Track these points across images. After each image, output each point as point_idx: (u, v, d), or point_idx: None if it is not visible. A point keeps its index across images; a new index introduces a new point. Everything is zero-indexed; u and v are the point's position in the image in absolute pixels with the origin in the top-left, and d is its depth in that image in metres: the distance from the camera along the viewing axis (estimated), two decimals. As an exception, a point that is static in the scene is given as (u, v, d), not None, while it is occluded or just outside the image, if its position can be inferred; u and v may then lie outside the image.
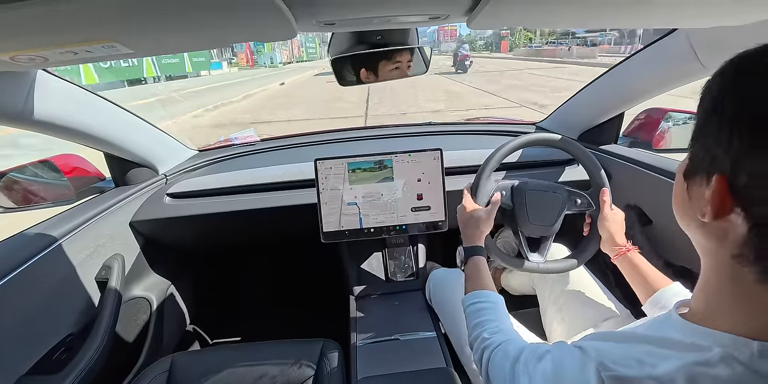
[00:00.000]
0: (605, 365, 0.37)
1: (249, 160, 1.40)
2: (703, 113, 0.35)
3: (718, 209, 0.33)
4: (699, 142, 0.36)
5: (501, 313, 0.69)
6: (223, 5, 0.40)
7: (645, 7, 0.51)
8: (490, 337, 0.61)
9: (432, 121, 1.66)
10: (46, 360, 0.80)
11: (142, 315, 1.18)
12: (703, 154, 0.35)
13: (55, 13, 0.37)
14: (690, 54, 0.81)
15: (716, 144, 0.33)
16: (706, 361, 0.32)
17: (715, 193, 0.32)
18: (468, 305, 0.72)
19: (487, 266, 0.79)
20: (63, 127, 0.85)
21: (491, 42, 53.52)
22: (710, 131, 0.34)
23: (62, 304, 0.87)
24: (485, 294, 0.72)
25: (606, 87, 1.17)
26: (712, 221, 0.33)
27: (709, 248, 0.36)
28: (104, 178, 1.17)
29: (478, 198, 0.90)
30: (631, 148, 1.21)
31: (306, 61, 41.33)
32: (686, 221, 0.40)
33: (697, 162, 0.36)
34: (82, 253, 0.93)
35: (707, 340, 0.34)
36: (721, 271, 0.35)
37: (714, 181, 0.32)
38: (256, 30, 0.52)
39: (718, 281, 0.36)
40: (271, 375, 0.88)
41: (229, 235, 1.36)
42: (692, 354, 0.34)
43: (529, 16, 0.54)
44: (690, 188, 0.38)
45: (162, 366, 0.89)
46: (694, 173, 0.37)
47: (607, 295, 0.94)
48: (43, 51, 0.48)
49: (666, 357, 0.35)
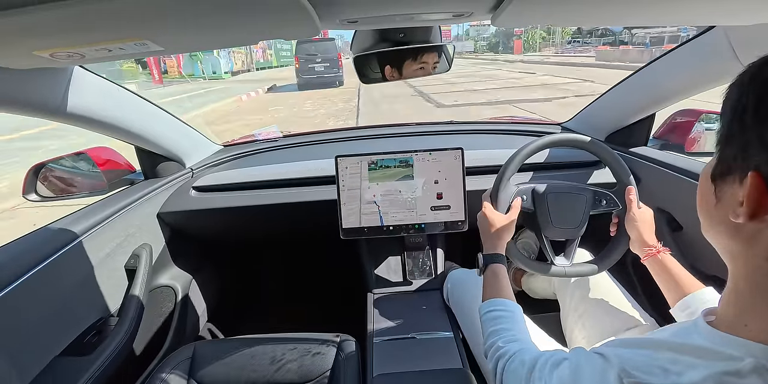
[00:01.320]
0: (627, 372, 0.37)
1: (271, 156, 1.43)
2: (734, 116, 0.34)
3: (755, 208, 0.31)
4: (729, 143, 0.35)
5: (518, 322, 0.67)
6: (249, 4, 0.41)
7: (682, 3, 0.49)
8: (505, 345, 0.60)
9: (453, 120, 1.65)
10: (78, 342, 0.84)
11: (168, 303, 1.23)
12: (734, 153, 0.34)
13: (92, 13, 0.39)
14: (728, 52, 0.77)
15: (751, 143, 0.32)
16: (737, 372, 0.31)
17: (751, 191, 0.31)
18: (484, 313, 0.71)
19: (506, 274, 0.77)
20: (98, 121, 0.89)
21: (497, 42, 42.53)
22: (744, 132, 0.33)
23: (94, 289, 0.92)
24: (502, 302, 0.70)
25: (636, 87, 1.12)
26: (747, 222, 0.32)
27: (738, 252, 0.35)
28: (134, 171, 1.22)
29: (499, 205, 0.88)
30: (662, 150, 1.16)
31: (277, 67, 28.86)
32: (713, 225, 0.38)
33: (728, 162, 0.35)
34: (113, 242, 0.98)
35: (738, 350, 0.33)
36: (752, 276, 0.34)
37: (749, 178, 0.31)
38: (279, 28, 0.53)
39: (749, 286, 0.35)
40: (289, 367, 0.90)
41: (250, 228, 1.39)
42: (722, 363, 0.33)
43: (554, 14, 0.53)
44: (719, 190, 0.37)
45: (185, 353, 0.93)
46: (724, 174, 0.36)
47: (632, 302, 0.91)
48: (80, 48, 0.51)
49: (693, 365, 0.34)
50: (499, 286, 0.74)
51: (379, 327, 1.04)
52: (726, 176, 0.35)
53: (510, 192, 0.89)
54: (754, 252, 0.33)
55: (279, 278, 1.85)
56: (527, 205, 0.90)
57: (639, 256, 0.83)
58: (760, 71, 0.33)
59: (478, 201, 0.93)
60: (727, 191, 0.35)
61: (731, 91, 0.36)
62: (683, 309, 0.72)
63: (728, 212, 0.34)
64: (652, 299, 1.11)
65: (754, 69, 0.34)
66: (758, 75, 0.33)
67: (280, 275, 1.85)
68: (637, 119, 1.17)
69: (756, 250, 0.33)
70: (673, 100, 1.04)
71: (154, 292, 1.18)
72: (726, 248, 0.37)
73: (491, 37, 46.32)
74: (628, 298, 0.92)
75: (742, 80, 0.35)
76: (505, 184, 0.88)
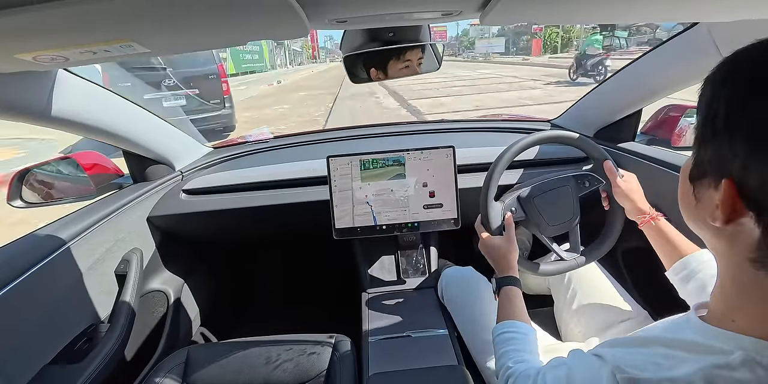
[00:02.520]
0: (621, 368, 0.37)
1: (262, 157, 1.42)
2: (707, 119, 0.34)
3: (729, 214, 0.32)
4: (704, 146, 0.35)
5: (529, 343, 0.67)
6: (236, 4, 0.41)
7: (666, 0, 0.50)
8: (514, 366, 0.61)
9: (444, 119, 1.65)
10: (69, 350, 0.83)
11: (160, 308, 1.21)
12: (709, 158, 0.34)
13: (76, 14, 0.38)
14: (711, 48, 0.78)
15: (723, 149, 0.32)
16: (727, 365, 0.32)
17: (725, 198, 0.32)
18: (498, 334, 0.70)
19: (521, 297, 0.76)
20: (83, 125, 0.88)
21: (507, 40, 34.80)
22: (716, 137, 0.33)
23: (84, 295, 0.90)
24: (516, 325, 0.70)
25: (623, 83, 1.14)
26: (723, 226, 0.33)
27: (722, 250, 0.36)
28: (123, 175, 1.20)
29: (492, 226, 0.87)
30: (649, 145, 1.18)
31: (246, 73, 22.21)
32: (696, 224, 0.39)
33: (703, 166, 0.35)
34: (103, 247, 0.96)
35: (728, 343, 0.33)
36: (736, 273, 0.35)
37: (723, 185, 0.32)
38: (268, 29, 0.53)
39: (733, 283, 0.35)
40: (284, 368, 0.89)
41: (241, 231, 1.38)
42: (712, 357, 0.33)
43: (543, 12, 0.53)
44: (697, 191, 0.37)
45: (178, 358, 0.92)
46: (700, 176, 0.36)
47: (624, 296, 0.93)
48: (64, 51, 0.50)
49: (684, 360, 0.35)
50: (513, 308, 0.74)
51: (374, 326, 1.04)
52: (702, 179, 0.36)
53: (498, 211, 0.88)
54: (736, 251, 0.33)
55: (272, 280, 1.84)
56: (518, 215, 0.89)
57: (629, 249, 0.84)
58: (731, 72, 0.33)
59: (471, 199, 0.93)
60: (704, 193, 0.36)
61: (705, 88, 0.36)
62: (678, 272, 0.72)
63: (706, 214, 0.35)
64: (643, 292, 1.13)
65: (726, 68, 0.34)
66: (729, 77, 0.33)
67: (273, 277, 1.84)
68: (625, 115, 1.18)
69: (737, 250, 0.33)
70: (660, 96, 1.05)
71: (146, 297, 1.16)
72: (711, 245, 0.38)
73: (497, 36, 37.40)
74: (620, 292, 0.94)
75: (714, 79, 0.34)
76: (491, 205, 0.87)
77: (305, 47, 57.62)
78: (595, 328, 0.90)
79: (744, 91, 0.31)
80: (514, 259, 0.81)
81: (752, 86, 0.31)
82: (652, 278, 0.79)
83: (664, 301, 0.76)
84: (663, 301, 0.77)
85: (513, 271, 0.80)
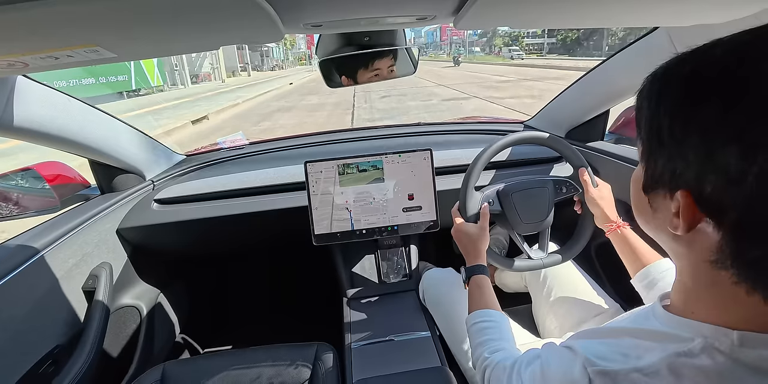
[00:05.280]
0: (591, 361, 0.38)
1: (238, 164, 1.39)
2: (651, 133, 0.34)
3: (690, 223, 0.32)
4: (652, 159, 0.35)
5: (504, 331, 0.68)
6: (207, 8, 0.40)
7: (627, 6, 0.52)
8: (490, 356, 0.61)
9: (421, 122, 1.67)
10: (32, 374, 0.77)
11: (132, 324, 1.16)
12: (660, 170, 0.34)
13: (36, 18, 0.36)
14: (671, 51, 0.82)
15: (673, 160, 0.32)
16: (688, 352, 0.33)
17: (684, 209, 0.32)
18: (471, 325, 0.71)
19: (490, 285, 0.78)
20: (45, 134, 0.83)
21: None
22: (663, 149, 0.33)
23: (48, 315, 0.85)
24: (488, 313, 0.71)
25: (591, 85, 1.18)
26: (684, 233, 0.33)
27: (681, 253, 0.36)
28: (89, 186, 1.15)
29: (468, 214, 0.89)
30: (617, 144, 1.23)
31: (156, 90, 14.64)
32: (654, 232, 0.39)
33: (655, 177, 0.36)
34: (68, 263, 0.91)
35: (688, 331, 0.34)
36: (695, 274, 0.35)
37: (680, 196, 0.32)
38: (242, 33, 0.52)
39: (693, 282, 0.36)
40: (266, 379, 0.87)
41: (218, 240, 1.34)
42: (674, 345, 0.34)
43: (515, 16, 0.55)
44: (652, 201, 0.37)
45: (153, 375, 0.88)
46: (654, 188, 0.36)
47: (598, 290, 0.96)
48: (23, 56, 0.47)
49: (649, 349, 0.36)
50: (483, 297, 0.75)
51: (357, 331, 1.03)
52: (656, 190, 0.36)
53: (476, 200, 0.90)
54: (695, 254, 0.34)
55: (251, 289, 1.79)
56: (495, 208, 0.92)
57: (602, 245, 0.87)
58: (665, 86, 0.34)
59: (449, 201, 0.94)
60: (660, 203, 0.36)
61: (641, 103, 0.36)
62: (642, 279, 0.76)
63: (665, 222, 0.35)
64: (616, 287, 1.17)
65: (658, 84, 0.34)
66: (663, 91, 0.34)
67: (252, 285, 1.80)
68: (593, 115, 1.23)
69: (695, 253, 0.34)
70: (625, 97, 1.10)
71: (117, 314, 1.11)
72: (670, 248, 0.38)
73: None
74: (594, 287, 0.97)
75: (650, 95, 0.35)
76: (471, 193, 0.90)
77: (288, 45, 45.67)
78: (570, 323, 0.92)
79: (683, 104, 0.31)
80: (483, 247, 0.84)
81: (689, 98, 0.31)
82: (623, 273, 0.82)
83: (635, 295, 0.79)
84: (634, 295, 0.79)
85: (481, 259, 0.82)
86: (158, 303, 1.28)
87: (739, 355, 0.31)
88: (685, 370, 0.32)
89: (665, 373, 0.33)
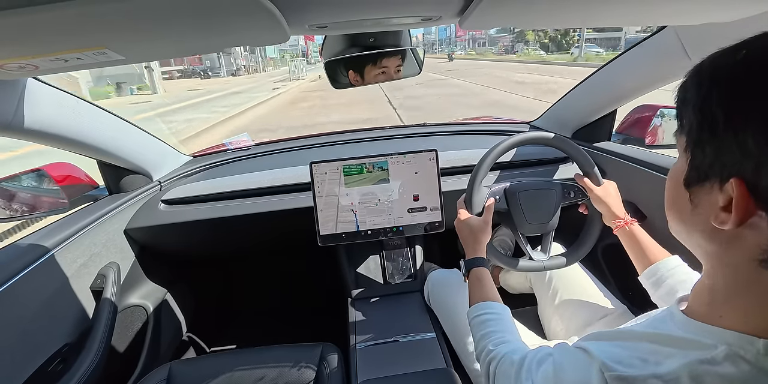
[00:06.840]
0: (608, 365, 0.37)
1: (244, 165, 1.40)
2: (702, 123, 0.33)
3: (742, 216, 0.31)
4: (700, 150, 0.34)
5: (506, 323, 0.67)
6: (214, 10, 0.40)
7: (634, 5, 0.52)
8: (495, 348, 0.60)
9: (427, 122, 1.67)
10: (42, 372, 0.78)
11: (139, 323, 1.17)
12: (710, 161, 0.33)
13: (47, 21, 0.36)
14: (680, 51, 0.82)
15: (728, 151, 0.31)
16: (711, 359, 0.32)
17: (738, 199, 0.30)
18: (473, 318, 0.70)
19: (490, 277, 0.78)
20: (55, 136, 0.84)
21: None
22: (716, 139, 0.32)
23: (57, 314, 0.86)
24: (489, 305, 0.70)
25: (598, 85, 1.18)
26: (734, 228, 0.31)
27: (714, 252, 0.35)
28: (97, 186, 1.16)
29: (473, 208, 0.89)
30: (624, 144, 1.22)
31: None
32: (688, 230, 0.38)
33: (704, 168, 0.34)
34: (77, 263, 0.92)
35: (711, 338, 0.33)
36: (732, 274, 0.34)
37: (734, 186, 0.31)
38: (248, 35, 0.52)
39: (725, 282, 0.35)
40: (271, 380, 0.87)
41: (224, 240, 1.35)
42: (696, 352, 0.33)
43: (521, 16, 0.55)
44: (694, 196, 0.36)
45: (160, 374, 0.88)
46: (701, 181, 0.35)
47: (604, 292, 0.95)
48: (34, 59, 0.48)
49: (669, 355, 0.35)
50: (483, 289, 0.75)
51: (362, 332, 1.03)
52: (703, 183, 0.34)
53: (483, 194, 0.90)
54: (734, 252, 0.33)
55: (257, 288, 1.80)
56: (501, 205, 0.91)
57: (609, 246, 0.86)
58: (719, 73, 0.32)
59: (454, 201, 0.94)
60: (704, 197, 0.34)
61: (689, 93, 0.34)
62: (650, 277, 0.75)
63: (708, 218, 0.34)
64: (622, 288, 1.16)
65: (710, 70, 0.33)
66: (719, 79, 0.32)
67: (257, 285, 1.80)
68: (600, 116, 1.22)
69: (734, 251, 0.33)
70: (632, 97, 1.09)
71: (124, 313, 1.12)
72: (701, 248, 0.37)
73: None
74: (600, 288, 0.96)
75: (698, 85, 0.33)
76: (478, 188, 0.89)
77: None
78: (576, 325, 0.91)
79: (740, 93, 0.30)
80: (484, 240, 0.83)
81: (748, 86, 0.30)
82: (630, 274, 0.81)
83: (642, 297, 0.78)
84: (641, 297, 0.79)
85: (481, 252, 0.82)
86: (165, 302, 1.29)
87: (765, 364, 0.30)
88: (707, 378, 0.32)
89: (686, 381, 0.32)
